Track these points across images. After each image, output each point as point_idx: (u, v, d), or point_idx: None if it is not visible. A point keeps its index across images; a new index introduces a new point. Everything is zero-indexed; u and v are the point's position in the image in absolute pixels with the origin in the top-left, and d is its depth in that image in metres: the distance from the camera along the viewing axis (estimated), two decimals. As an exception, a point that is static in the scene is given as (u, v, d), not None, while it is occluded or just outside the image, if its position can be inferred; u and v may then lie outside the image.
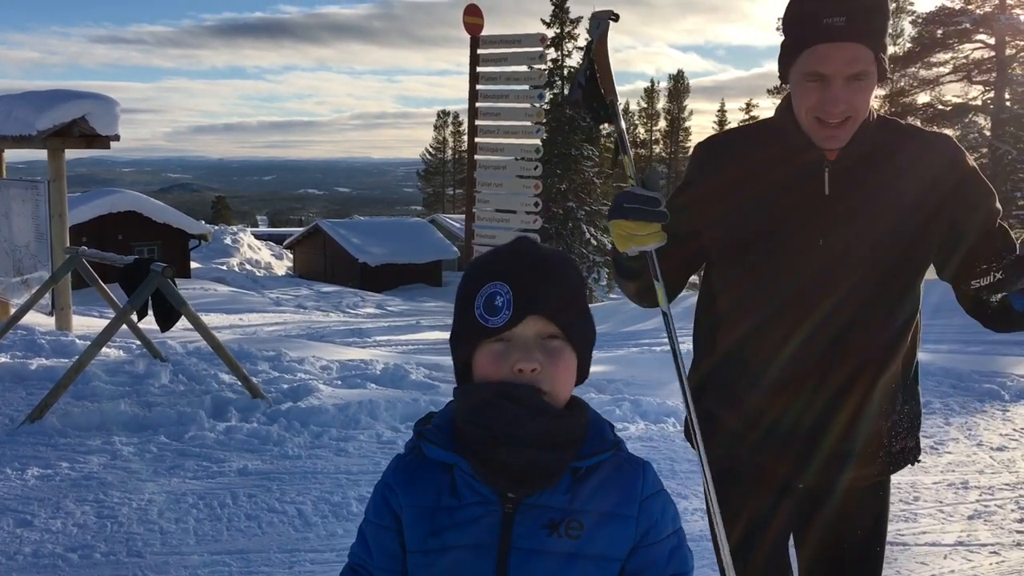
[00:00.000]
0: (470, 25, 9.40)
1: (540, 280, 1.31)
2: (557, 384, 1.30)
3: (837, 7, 1.75)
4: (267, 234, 53.98)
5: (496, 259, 1.36)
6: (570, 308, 1.33)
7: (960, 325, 12.84)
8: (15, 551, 3.92)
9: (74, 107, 9.43)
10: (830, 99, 1.78)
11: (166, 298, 6.48)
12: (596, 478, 1.32)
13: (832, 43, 1.75)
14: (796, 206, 1.88)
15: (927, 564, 3.95)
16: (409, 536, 1.33)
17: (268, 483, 4.85)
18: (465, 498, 1.30)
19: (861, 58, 1.76)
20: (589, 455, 1.31)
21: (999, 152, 28.77)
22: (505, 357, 1.29)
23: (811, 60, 1.78)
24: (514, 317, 1.28)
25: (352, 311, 25.02)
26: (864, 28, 1.75)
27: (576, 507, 1.29)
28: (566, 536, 1.27)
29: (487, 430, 1.27)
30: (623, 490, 1.32)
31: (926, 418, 6.61)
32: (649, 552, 1.32)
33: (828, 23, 1.74)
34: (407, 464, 1.37)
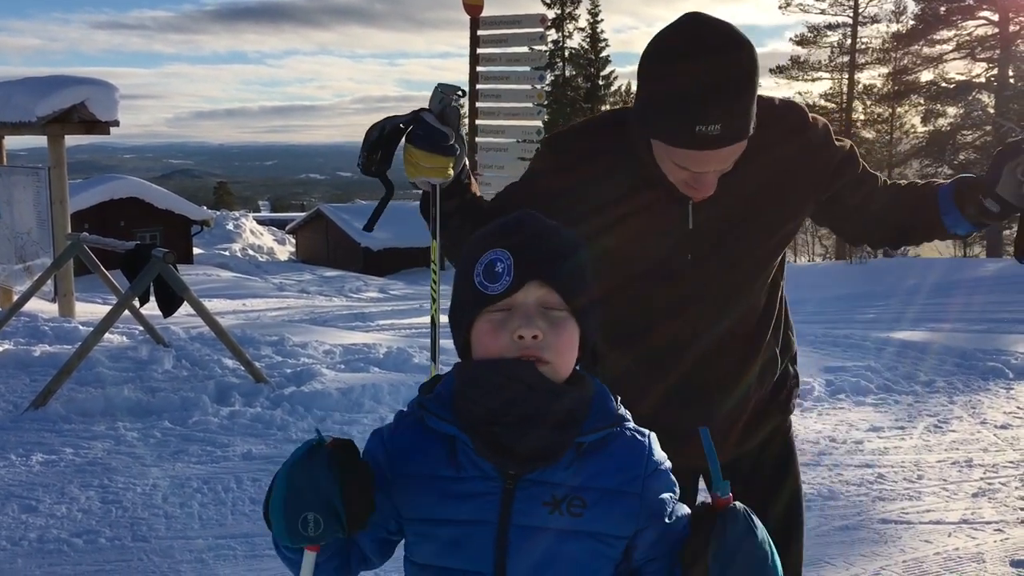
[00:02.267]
0: (470, 6, 9.33)
1: (543, 247, 1.28)
2: (559, 355, 1.26)
3: (710, 112, 1.57)
4: (269, 219, 53.94)
5: (497, 228, 1.32)
6: (572, 276, 1.29)
7: (963, 303, 12.85)
8: (20, 537, 3.93)
9: (73, 93, 9.40)
10: (702, 185, 1.70)
11: (168, 284, 6.48)
12: (600, 454, 1.28)
13: (704, 151, 1.61)
14: (652, 212, 1.81)
15: (931, 542, 3.95)
16: (405, 503, 1.29)
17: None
18: (466, 471, 1.26)
19: (735, 153, 1.66)
20: (592, 430, 1.27)
21: (1003, 129, 28.64)
22: (505, 325, 1.25)
23: (680, 159, 1.66)
24: (515, 283, 1.24)
25: (355, 295, 25.01)
26: (739, 130, 1.61)
27: (579, 483, 1.26)
28: (568, 514, 1.24)
29: (485, 409, 1.24)
30: (628, 466, 1.28)
31: (929, 396, 6.60)
32: (661, 527, 1.28)
33: (701, 132, 1.57)
34: (405, 429, 1.32)
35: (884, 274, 17.57)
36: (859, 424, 5.87)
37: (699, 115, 1.57)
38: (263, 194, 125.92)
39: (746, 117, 1.62)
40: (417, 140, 1.81)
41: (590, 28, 43.71)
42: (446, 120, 1.84)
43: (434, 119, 1.83)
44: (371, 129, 1.87)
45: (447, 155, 1.82)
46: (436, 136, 1.81)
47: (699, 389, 1.91)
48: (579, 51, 43.58)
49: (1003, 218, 1.76)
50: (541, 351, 1.25)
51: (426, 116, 1.83)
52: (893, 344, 8.62)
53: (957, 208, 1.80)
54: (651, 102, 1.65)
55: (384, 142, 1.85)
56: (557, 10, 42.07)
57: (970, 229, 1.83)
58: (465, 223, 1.92)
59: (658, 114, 1.64)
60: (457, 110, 1.87)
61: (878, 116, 38.64)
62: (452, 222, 1.93)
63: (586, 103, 41.76)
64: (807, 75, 38.66)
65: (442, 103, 1.86)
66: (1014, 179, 1.69)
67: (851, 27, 37.31)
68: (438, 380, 1.36)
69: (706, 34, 1.60)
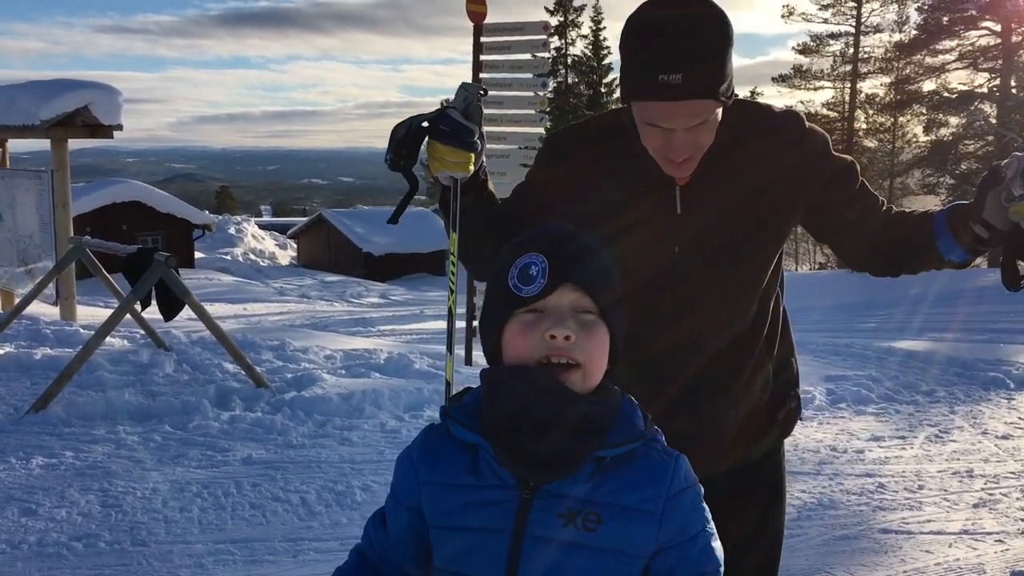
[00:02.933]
0: (473, 13, 9.34)
1: (574, 252, 1.30)
2: (590, 357, 1.27)
3: (672, 61, 1.61)
4: (271, 224, 53.95)
5: (531, 234, 1.35)
6: (605, 282, 1.31)
7: (965, 313, 12.84)
8: (20, 540, 3.93)
9: (77, 96, 9.42)
10: (674, 147, 1.72)
11: (170, 288, 6.48)
12: (622, 470, 1.26)
13: (669, 102, 1.65)
14: (649, 220, 1.85)
15: (932, 552, 3.95)
16: (428, 511, 1.31)
17: (272, 472, 4.85)
18: (485, 479, 1.27)
19: (700, 111, 1.67)
20: (615, 444, 1.27)
21: (1005, 139, 28.64)
22: (536, 326, 1.26)
23: (648, 113, 1.70)
24: (549, 286, 1.26)
25: (356, 300, 25.01)
26: (702, 83, 1.64)
27: (596, 498, 1.25)
28: (582, 528, 1.23)
29: (507, 415, 1.25)
30: (650, 484, 1.27)
31: (931, 406, 6.60)
32: (679, 551, 1.27)
33: (664, 80, 1.62)
34: (432, 440, 1.35)
35: (886, 283, 17.56)
36: (860, 433, 5.87)
37: (661, 64, 1.61)
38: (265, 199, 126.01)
39: (711, 71, 1.64)
40: (442, 136, 1.85)
41: (593, 35, 43.80)
42: (469, 117, 1.88)
43: (459, 116, 1.87)
44: (397, 127, 1.91)
45: (470, 150, 1.87)
46: (461, 132, 1.85)
47: (688, 396, 1.91)
48: (582, 58, 43.66)
49: (994, 244, 1.75)
50: (574, 352, 1.26)
51: (451, 113, 1.87)
52: (894, 353, 8.62)
53: (951, 233, 1.80)
54: (624, 61, 1.71)
55: (410, 139, 1.89)
56: (560, 17, 42.17)
57: (964, 256, 1.82)
58: (480, 218, 1.97)
59: (628, 70, 1.70)
60: (480, 108, 1.91)
61: (880, 125, 38.65)
62: (467, 217, 1.97)
63: (589, 110, 41.79)
64: (809, 84, 38.70)
65: (466, 101, 1.90)
66: (998, 204, 1.69)
67: (854, 36, 37.35)
68: (467, 391, 1.38)
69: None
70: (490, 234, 1.99)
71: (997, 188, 1.69)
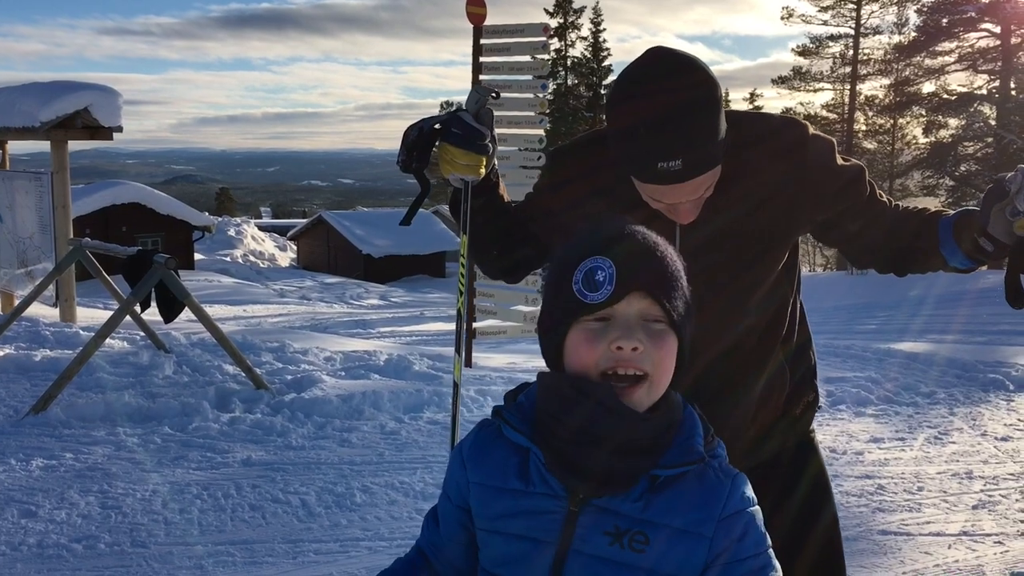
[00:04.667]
0: (473, 15, 9.35)
1: (643, 257, 1.23)
2: (658, 368, 1.21)
3: (670, 149, 1.57)
4: (271, 226, 53.96)
5: (597, 235, 1.27)
6: (675, 289, 1.24)
7: (965, 315, 12.84)
8: (20, 542, 3.93)
9: (77, 98, 9.42)
10: (679, 213, 1.71)
11: (169, 289, 6.48)
12: (675, 489, 1.20)
13: (670, 186, 1.62)
14: None
15: (931, 554, 3.95)
16: (476, 512, 1.29)
17: (272, 474, 4.85)
18: (535, 486, 1.23)
19: (703, 183, 1.65)
20: (670, 464, 1.20)
21: (1004, 141, 28.68)
22: (603, 335, 1.20)
23: (649, 192, 1.67)
24: (616, 293, 1.19)
25: (356, 302, 25.02)
26: (702, 162, 1.60)
27: (646, 517, 1.19)
28: (629, 548, 1.18)
29: (562, 425, 1.21)
30: (702, 506, 1.19)
31: (930, 408, 6.60)
32: (723, 573, 1.19)
33: (663, 168, 1.58)
34: (484, 438, 1.31)
35: (886, 285, 17.57)
36: (859, 435, 5.87)
37: (659, 152, 1.57)
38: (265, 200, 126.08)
39: (709, 147, 1.60)
40: (454, 138, 1.86)
41: (592, 37, 43.84)
42: (481, 120, 1.89)
43: (471, 119, 1.87)
44: (410, 129, 1.91)
45: (481, 153, 1.87)
46: (473, 135, 1.85)
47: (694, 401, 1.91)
48: (582, 60, 43.70)
49: (998, 257, 1.74)
50: (642, 363, 1.20)
51: (463, 116, 1.88)
52: (894, 355, 8.62)
53: (955, 241, 1.78)
54: (615, 141, 1.66)
55: (422, 141, 1.89)
56: (560, 19, 42.20)
57: (968, 263, 1.80)
58: (490, 221, 1.98)
59: (622, 152, 1.65)
60: (491, 111, 1.92)
61: (880, 127, 38.69)
62: (478, 219, 1.98)
63: (588, 112, 41.84)
64: (809, 86, 38.74)
65: (478, 104, 1.90)
66: (1003, 219, 1.68)
67: (853, 38, 37.40)
68: (524, 388, 1.33)
69: (662, 69, 1.59)
70: (501, 237, 1.99)
71: (1002, 202, 1.68)
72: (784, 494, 2.01)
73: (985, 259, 1.78)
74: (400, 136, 1.94)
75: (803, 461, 2.05)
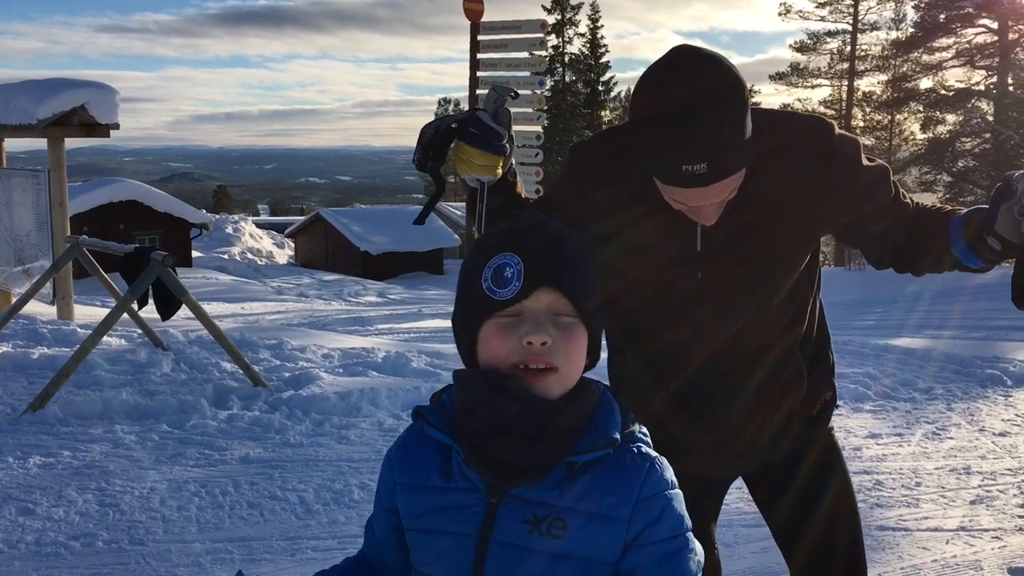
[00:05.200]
0: (470, 11, 9.35)
1: (551, 251, 1.25)
2: (569, 361, 1.24)
3: (696, 152, 1.53)
4: (268, 223, 53.92)
5: (506, 231, 1.29)
6: (582, 282, 1.26)
7: (962, 311, 12.85)
8: (17, 539, 3.92)
9: (73, 96, 9.41)
10: (702, 215, 1.69)
11: (167, 287, 6.48)
12: (592, 475, 1.22)
13: (695, 189, 1.59)
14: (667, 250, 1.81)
15: (929, 549, 3.95)
16: (402, 512, 1.31)
17: (270, 471, 4.85)
18: (456, 482, 1.25)
19: (728, 187, 1.62)
20: (586, 450, 1.22)
21: (1002, 137, 28.70)
22: (513, 330, 1.22)
23: (672, 195, 1.65)
24: (524, 289, 1.22)
25: (354, 299, 25.00)
26: (728, 165, 1.57)
27: (564, 504, 1.21)
28: (548, 534, 1.20)
29: (478, 419, 1.23)
30: (620, 489, 1.21)
31: (928, 403, 6.60)
32: (637, 554, 1.21)
33: (688, 170, 1.55)
34: (410, 439, 1.34)
35: (883, 280, 17.58)
36: (857, 431, 5.87)
37: (684, 155, 1.54)
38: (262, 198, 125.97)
39: (734, 151, 1.57)
40: (471, 138, 1.83)
41: (590, 34, 43.81)
42: (499, 120, 1.87)
43: (488, 118, 1.85)
44: (426, 127, 1.89)
45: (498, 154, 1.85)
46: (490, 135, 1.83)
47: (706, 400, 1.90)
48: (579, 56, 43.67)
49: (1005, 256, 1.73)
50: (551, 357, 1.22)
51: (481, 115, 1.86)
52: (892, 351, 8.63)
53: (965, 240, 1.77)
54: (638, 142, 1.63)
55: (438, 140, 1.87)
56: (557, 16, 42.15)
57: (979, 263, 1.79)
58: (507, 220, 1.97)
59: (645, 154, 1.62)
60: (509, 112, 1.90)
61: (877, 123, 38.70)
62: (495, 218, 1.95)
63: (586, 108, 41.84)
64: (807, 82, 38.75)
65: (496, 103, 1.89)
66: (1011, 218, 1.67)
67: (851, 34, 37.41)
68: (448, 389, 1.35)
69: (688, 70, 1.56)
70: None
71: (1010, 202, 1.68)
72: (808, 496, 2.01)
73: (996, 259, 1.77)
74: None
75: (825, 463, 2.05)
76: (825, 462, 2.05)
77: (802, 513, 2.04)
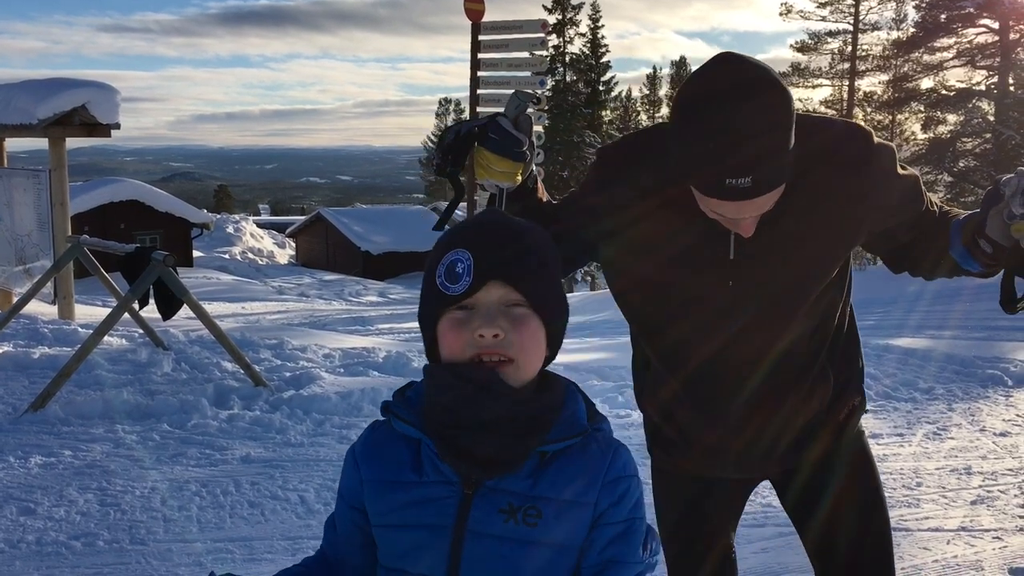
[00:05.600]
0: (471, 11, 9.35)
1: (501, 246, 1.28)
2: (523, 352, 1.26)
3: (739, 166, 1.50)
4: (269, 223, 53.94)
5: (459, 229, 1.33)
6: (534, 274, 1.28)
7: (963, 311, 12.83)
8: (18, 539, 3.93)
9: (74, 95, 9.41)
10: (738, 227, 1.66)
11: (168, 287, 6.48)
12: (561, 463, 1.26)
13: (736, 203, 1.55)
14: (703, 258, 1.78)
15: (930, 549, 3.95)
16: (371, 510, 1.31)
17: (271, 471, 4.85)
18: (427, 476, 1.27)
19: (769, 200, 1.59)
20: (556, 439, 1.26)
21: (1003, 137, 28.67)
22: (466, 324, 1.25)
23: (713, 207, 1.61)
24: (475, 283, 1.24)
25: (354, 299, 25.02)
26: (772, 179, 1.54)
27: (537, 493, 1.24)
28: (523, 523, 1.23)
29: (448, 413, 1.25)
30: (587, 476, 1.26)
31: (928, 403, 6.60)
32: (595, 532, 1.27)
33: (732, 184, 1.51)
34: (376, 437, 1.35)
35: (883, 280, 17.56)
36: (858, 431, 5.86)
37: (728, 168, 1.51)
38: (263, 197, 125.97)
39: (779, 166, 1.55)
40: (491, 144, 1.81)
41: (591, 34, 43.78)
42: (520, 126, 1.84)
43: (509, 124, 1.83)
44: (446, 132, 1.88)
45: (518, 160, 1.82)
46: (510, 141, 1.81)
47: (708, 397, 1.90)
48: (580, 56, 43.63)
49: (997, 259, 1.73)
50: (505, 349, 1.25)
51: (502, 121, 1.83)
52: (892, 351, 8.62)
53: (964, 245, 1.77)
54: (680, 150, 1.59)
55: (458, 145, 1.85)
56: (558, 15, 42.12)
57: (978, 267, 1.78)
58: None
59: (687, 163, 1.58)
60: (530, 118, 1.87)
61: (878, 123, 38.65)
62: None
63: (587, 108, 41.81)
64: (808, 82, 38.71)
65: (518, 109, 1.86)
66: (1000, 221, 1.68)
67: (851, 34, 37.38)
68: (411, 385, 1.37)
69: (735, 80, 1.52)
70: None
71: (1000, 206, 1.68)
72: (841, 499, 2.00)
73: (990, 263, 1.76)
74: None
75: (858, 467, 2.03)
76: (856, 470, 2.02)
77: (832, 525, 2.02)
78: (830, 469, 1.99)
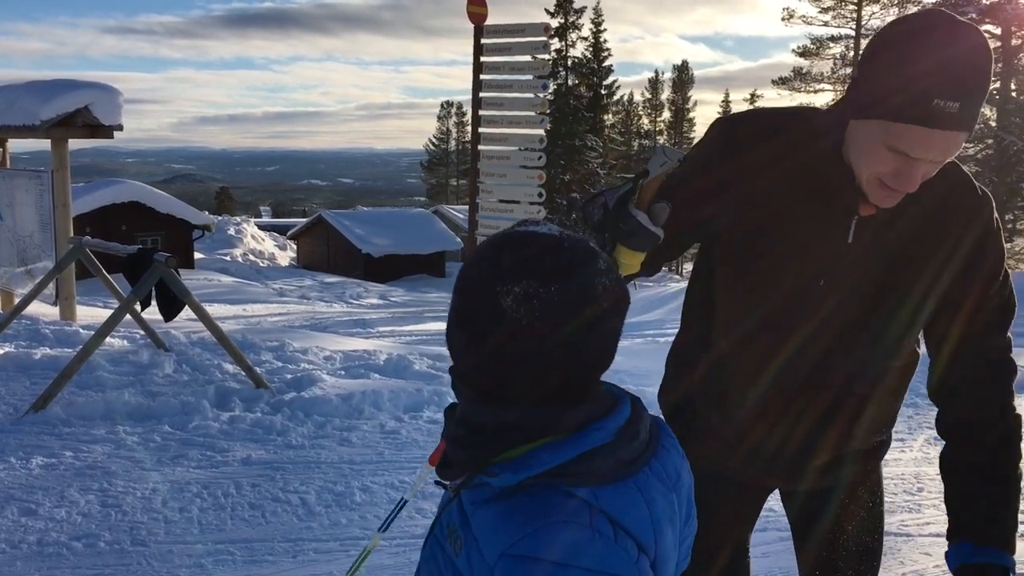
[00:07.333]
0: (473, 15, 9.35)
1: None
2: None
3: (953, 88, 1.47)
4: (271, 225, 53.94)
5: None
6: None
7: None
8: (20, 540, 3.93)
9: (77, 97, 9.41)
10: (908, 178, 1.57)
11: (169, 288, 6.48)
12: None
13: (936, 130, 1.50)
14: (812, 241, 1.74)
15: (931, 555, 3.95)
16: None
17: (272, 473, 4.85)
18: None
19: (956, 145, 1.53)
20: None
21: (1005, 143, 28.68)
22: None
23: (904, 139, 1.53)
24: None
25: (355, 302, 25.00)
26: (973, 115, 1.51)
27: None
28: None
29: None
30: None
31: (930, 409, 6.58)
32: None
33: (939, 106, 1.47)
34: None
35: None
36: (859, 436, 5.86)
37: (940, 90, 1.47)
38: (265, 199, 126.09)
39: (979, 108, 1.52)
40: (623, 236, 1.71)
41: (593, 37, 43.82)
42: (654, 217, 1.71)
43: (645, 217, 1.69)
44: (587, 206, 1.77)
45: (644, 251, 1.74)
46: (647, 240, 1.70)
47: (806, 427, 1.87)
48: (582, 60, 43.67)
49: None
50: None
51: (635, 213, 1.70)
52: (894, 356, 8.62)
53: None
54: (885, 76, 1.54)
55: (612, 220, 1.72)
56: (561, 19, 42.16)
57: None
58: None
59: (892, 87, 1.53)
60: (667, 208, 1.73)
61: (880, 128, 38.67)
62: None
63: (588, 112, 41.82)
64: (809, 86, 38.74)
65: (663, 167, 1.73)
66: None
67: (854, 39, 37.41)
68: None
69: (953, 18, 1.53)
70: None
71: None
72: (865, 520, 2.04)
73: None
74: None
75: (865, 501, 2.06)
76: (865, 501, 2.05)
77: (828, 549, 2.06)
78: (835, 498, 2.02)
